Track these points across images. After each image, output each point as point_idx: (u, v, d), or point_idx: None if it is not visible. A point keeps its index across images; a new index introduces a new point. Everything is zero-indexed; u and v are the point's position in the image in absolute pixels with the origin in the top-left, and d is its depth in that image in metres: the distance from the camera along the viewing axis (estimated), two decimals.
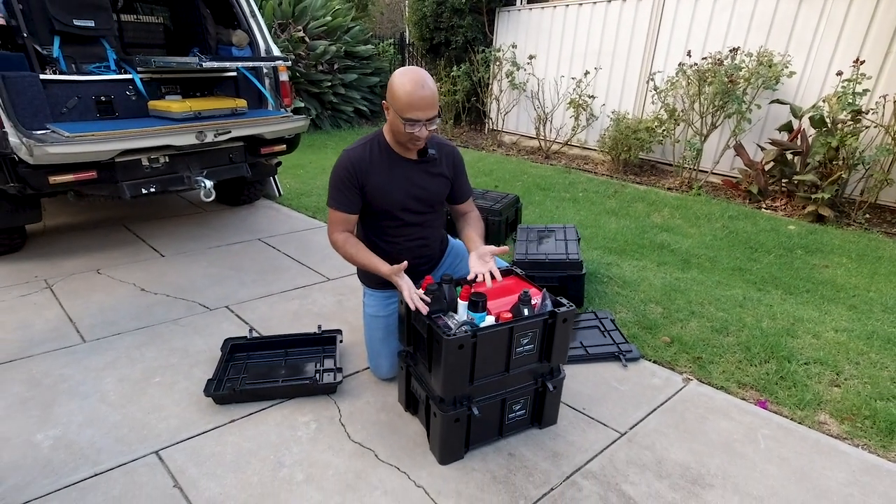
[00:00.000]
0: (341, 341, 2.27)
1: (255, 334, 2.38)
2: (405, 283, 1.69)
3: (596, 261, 3.22)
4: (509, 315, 1.64)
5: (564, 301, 1.74)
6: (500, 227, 3.44)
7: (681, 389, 2.11)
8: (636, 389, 2.10)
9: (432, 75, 1.76)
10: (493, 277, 1.72)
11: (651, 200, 4.52)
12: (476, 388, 1.65)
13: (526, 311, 1.68)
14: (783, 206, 4.45)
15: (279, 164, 3.78)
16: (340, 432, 1.82)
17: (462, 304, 1.71)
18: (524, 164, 5.82)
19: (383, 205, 1.83)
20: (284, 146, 3.43)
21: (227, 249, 3.39)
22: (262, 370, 2.12)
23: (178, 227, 3.74)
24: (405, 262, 1.70)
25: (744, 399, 2.06)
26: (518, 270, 1.96)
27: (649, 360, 2.29)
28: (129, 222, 3.78)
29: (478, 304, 1.65)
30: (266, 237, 3.61)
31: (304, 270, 3.10)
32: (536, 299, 1.79)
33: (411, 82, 1.65)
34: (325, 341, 2.29)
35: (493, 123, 7.17)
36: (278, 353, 2.23)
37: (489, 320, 1.63)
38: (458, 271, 2.07)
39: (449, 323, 1.62)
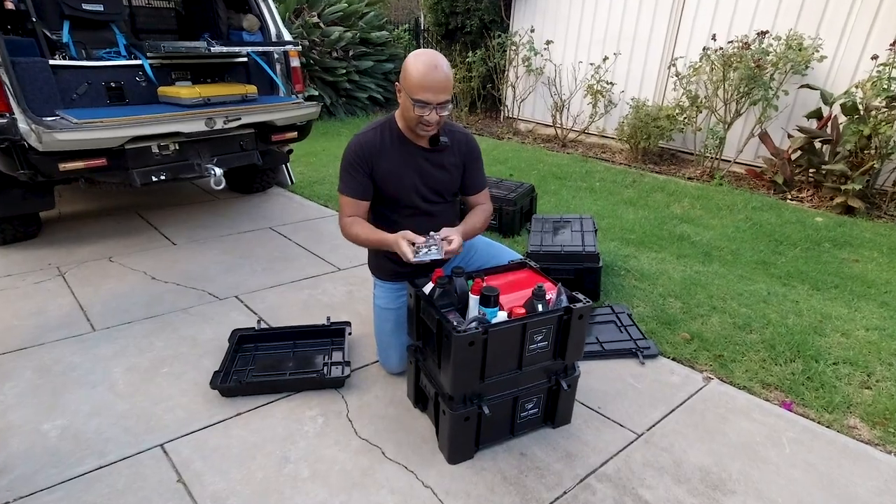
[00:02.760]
0: (350, 333, 2.23)
1: (263, 325, 2.35)
2: (405, 247, 1.64)
3: (613, 252, 3.13)
4: (522, 311, 1.58)
5: (580, 296, 1.66)
6: (515, 216, 3.35)
7: (701, 388, 2.02)
8: (654, 388, 2.02)
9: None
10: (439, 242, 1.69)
11: (671, 190, 4.38)
12: (487, 386, 1.59)
13: (540, 307, 1.61)
14: (810, 198, 4.28)
15: (290, 151, 3.73)
16: (347, 428, 1.78)
17: (473, 299, 1.64)
18: (540, 153, 5.70)
19: (393, 191, 1.77)
20: (296, 133, 3.38)
21: (238, 238, 3.37)
22: (269, 362, 2.09)
23: (190, 214, 3.72)
24: (408, 231, 1.67)
25: (767, 400, 1.97)
26: (532, 263, 1.89)
27: (668, 358, 2.20)
28: (143, 210, 3.78)
29: (490, 298, 1.58)
30: (277, 225, 3.58)
31: (315, 260, 3.06)
32: (551, 294, 1.72)
33: (425, 63, 1.60)
34: (333, 333, 2.25)
35: (508, 111, 7.04)
36: (286, 344, 2.20)
37: (501, 316, 1.57)
38: (471, 265, 2.00)
39: (459, 318, 1.56)
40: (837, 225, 3.60)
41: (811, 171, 4.34)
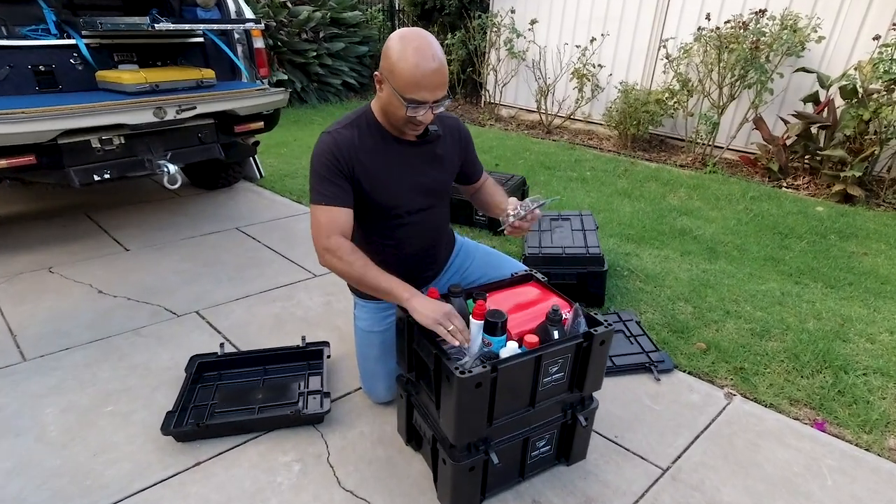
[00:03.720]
0: (329, 356, 1.94)
1: (228, 348, 2.05)
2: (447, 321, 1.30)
3: (613, 250, 2.90)
4: (535, 339, 1.32)
5: (600, 317, 1.42)
6: None
7: (724, 408, 1.82)
8: (673, 409, 1.80)
9: None
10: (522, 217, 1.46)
11: (664, 179, 4.18)
12: (495, 430, 1.34)
13: (556, 334, 1.36)
14: (806, 185, 4.14)
15: (257, 143, 3.38)
16: (328, 476, 1.51)
17: (476, 325, 1.38)
18: (525, 140, 5.44)
19: (379, 200, 1.48)
20: (262, 123, 3.04)
21: (202, 241, 3.03)
22: (235, 393, 1.80)
23: (147, 214, 3.35)
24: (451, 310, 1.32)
25: (798, 419, 1.78)
26: (538, 276, 1.64)
27: (684, 372, 1.99)
28: (92, 210, 3.38)
29: (496, 326, 1.33)
30: (245, 226, 3.24)
31: (288, 265, 2.75)
32: (566, 313, 1.47)
33: (416, 52, 1.28)
34: (310, 355, 1.96)
35: (490, 96, 6.74)
36: (255, 371, 1.91)
37: (511, 347, 1.31)
38: (468, 277, 1.74)
39: (460, 350, 1.30)
40: (840, 215, 3.46)
41: (807, 157, 4.19)
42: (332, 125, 1.46)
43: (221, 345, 1.95)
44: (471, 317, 1.40)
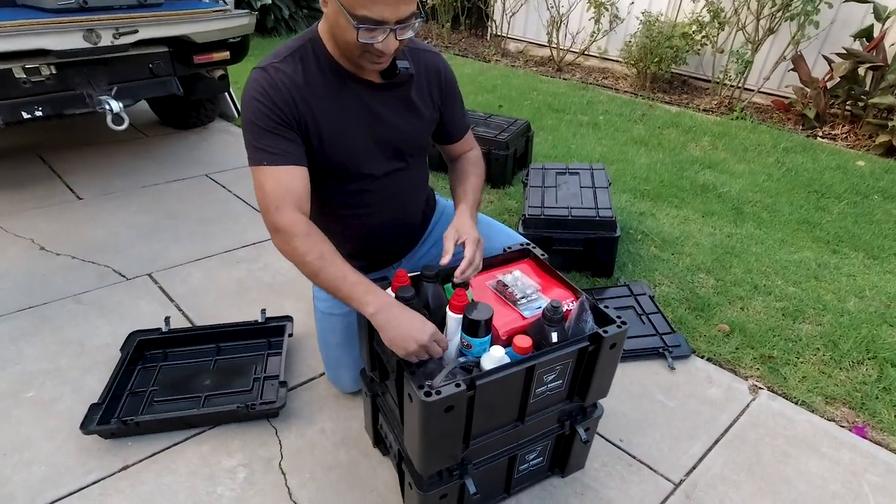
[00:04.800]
0: (291, 334, 1.68)
1: (179, 320, 1.79)
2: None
3: (625, 209, 2.57)
4: (527, 343, 1.03)
5: (611, 313, 1.12)
6: (507, 163, 2.73)
7: (748, 405, 1.56)
8: (689, 406, 1.55)
9: None
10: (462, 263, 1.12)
11: (686, 126, 3.75)
12: (473, 451, 1.08)
13: (555, 336, 1.06)
14: (845, 136, 3.71)
15: (224, 77, 2.96)
16: (279, 486, 1.28)
17: (453, 319, 1.09)
18: (533, 79, 4.93)
19: (332, 160, 1.14)
20: (227, 54, 2.62)
21: (165, 189, 2.70)
22: (180, 378, 1.55)
23: (107, 157, 3.01)
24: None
25: (834, 421, 1.52)
26: (536, 250, 1.33)
27: (702, 358, 1.72)
28: (46, 150, 3.03)
29: (478, 325, 1.03)
30: (216, 172, 2.90)
31: (258, 220, 2.43)
32: (567, 304, 1.17)
33: None
34: (270, 332, 1.70)
35: (496, 27, 6.11)
36: (206, 349, 1.65)
37: (496, 355, 1.02)
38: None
39: (429, 364, 1.01)
40: (884, 171, 3.06)
41: (849, 104, 3.73)
42: (267, 58, 1.10)
43: (167, 319, 1.69)
44: (447, 309, 1.11)
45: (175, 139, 3.32)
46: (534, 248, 1.34)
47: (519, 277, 1.24)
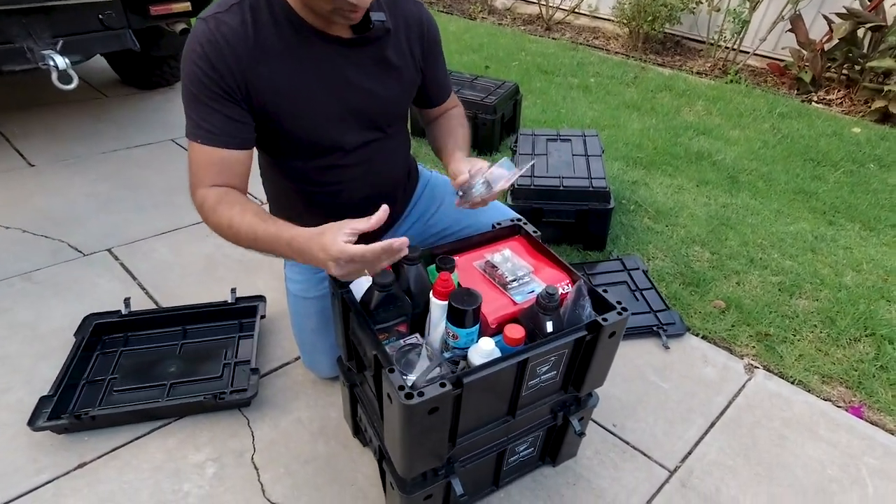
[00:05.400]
0: (264, 316, 1.56)
1: (142, 300, 1.65)
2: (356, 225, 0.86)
3: (618, 178, 2.46)
4: (519, 333, 0.93)
5: (609, 298, 1.03)
6: (494, 128, 2.58)
7: (744, 385, 1.51)
8: (684, 387, 1.49)
9: None
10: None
11: (679, 90, 3.61)
12: (460, 449, 0.99)
13: (549, 325, 0.97)
14: (840, 101, 3.61)
15: (186, 31, 2.71)
16: (252, 481, 1.19)
17: (438, 306, 0.99)
18: (521, 38, 4.70)
19: (295, 133, 0.99)
20: (188, 4, 2.38)
21: (127, 156, 2.51)
22: (143, 365, 1.43)
23: (62, 119, 2.77)
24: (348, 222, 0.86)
25: (830, 401, 1.48)
26: (527, 227, 1.21)
27: (697, 336, 1.66)
28: None
29: (464, 315, 0.93)
30: (182, 137, 2.69)
31: None
32: (563, 287, 1.08)
33: None
34: (241, 313, 1.58)
35: None
36: (171, 333, 1.53)
37: (484, 347, 0.92)
38: (434, 227, 1.31)
39: (410, 357, 0.91)
40: (880, 138, 2.99)
41: (846, 67, 3.61)
42: (210, 7, 0.93)
43: (127, 301, 1.55)
44: (431, 294, 1.00)
45: (137, 100, 3.08)
46: (525, 224, 1.22)
47: (509, 257, 1.13)
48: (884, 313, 1.73)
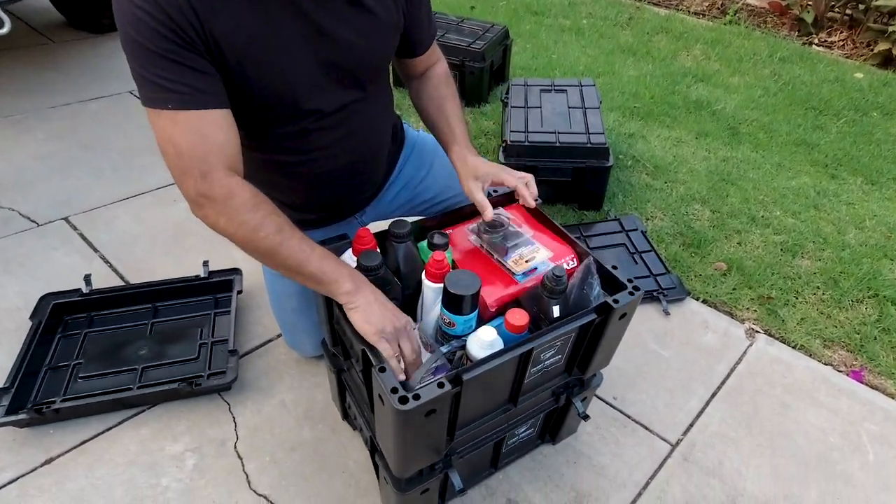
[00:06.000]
0: (240, 291, 1.45)
1: (106, 275, 1.52)
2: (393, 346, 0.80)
3: (614, 130, 2.32)
4: (523, 319, 0.84)
5: (619, 276, 0.93)
6: (483, 77, 2.39)
7: (746, 352, 1.46)
8: (685, 355, 1.44)
9: None
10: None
11: (677, 32, 3.40)
12: (458, 441, 0.92)
13: (556, 310, 0.87)
14: (841, 43, 3.45)
15: None
16: (235, 472, 1.12)
17: (431, 289, 0.89)
18: None
19: (260, 92, 0.83)
20: None
21: (80, 110, 2.28)
22: (110, 348, 1.32)
23: (3, 70, 2.50)
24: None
25: (831, 365, 1.44)
26: (533, 198, 1.10)
27: (698, 300, 1.60)
28: None
29: (462, 301, 0.83)
30: None
31: None
32: (566, 262, 0.98)
33: None
34: (216, 287, 1.46)
35: None
36: (141, 311, 1.42)
37: (483, 335, 0.82)
38: (422, 194, 1.19)
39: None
40: (882, 84, 2.87)
41: (849, 6, 3.43)
42: None
43: (87, 277, 1.41)
44: (423, 276, 0.89)
45: (88, 46, 2.80)
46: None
47: (508, 226, 1.02)
48: (887, 273, 1.68)
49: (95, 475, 1.09)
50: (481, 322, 0.91)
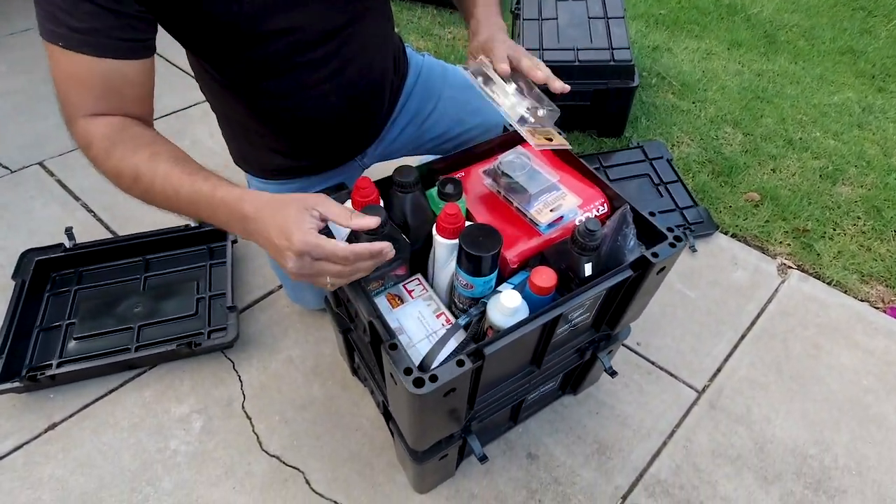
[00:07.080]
0: (236, 240, 1.34)
1: (91, 225, 1.41)
2: (330, 210, 0.62)
3: (637, 42, 2.08)
4: (550, 280, 0.73)
5: (657, 224, 0.81)
6: None
7: (777, 289, 1.37)
8: (713, 295, 1.35)
9: None
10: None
11: None
12: (477, 409, 0.86)
13: (588, 268, 0.77)
14: None
15: None
16: (245, 433, 1.08)
17: (443, 245, 0.78)
18: None
19: (221, 13, 0.66)
20: None
21: None
22: (102, 305, 1.25)
23: None
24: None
25: (868, 301, 1.36)
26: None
27: (727, 234, 1.49)
28: None
29: (481, 261, 0.72)
30: None
31: (182, 78, 1.89)
32: (596, 208, 0.86)
33: None
34: (210, 236, 1.36)
35: None
36: (132, 264, 1.33)
37: (506, 299, 0.72)
38: (430, 131, 1.04)
39: (418, 323, 0.72)
40: None
41: None
42: None
43: (69, 230, 1.31)
44: (434, 230, 0.78)
45: None
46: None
47: (529, 165, 0.88)
48: None
49: (101, 440, 1.06)
50: (501, 280, 0.81)
